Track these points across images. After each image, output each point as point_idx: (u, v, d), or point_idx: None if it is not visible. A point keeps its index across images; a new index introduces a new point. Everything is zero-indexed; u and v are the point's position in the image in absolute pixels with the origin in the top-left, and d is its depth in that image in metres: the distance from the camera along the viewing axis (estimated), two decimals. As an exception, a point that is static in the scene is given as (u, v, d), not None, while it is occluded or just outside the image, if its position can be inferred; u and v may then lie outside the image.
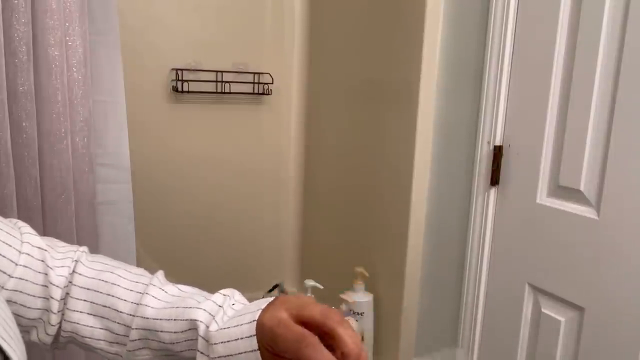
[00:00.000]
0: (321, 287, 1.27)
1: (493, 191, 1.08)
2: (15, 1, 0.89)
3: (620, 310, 0.85)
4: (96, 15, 1.05)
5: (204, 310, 0.47)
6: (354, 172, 1.53)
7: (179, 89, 1.60)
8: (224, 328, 0.45)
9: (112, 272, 0.51)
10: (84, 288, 0.50)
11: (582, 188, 0.90)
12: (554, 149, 0.96)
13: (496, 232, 1.09)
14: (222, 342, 0.44)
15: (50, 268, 0.49)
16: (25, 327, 0.49)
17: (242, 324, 0.43)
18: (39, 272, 0.48)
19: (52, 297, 0.48)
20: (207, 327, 0.45)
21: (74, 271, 0.50)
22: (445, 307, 1.24)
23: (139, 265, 1.30)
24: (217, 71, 1.66)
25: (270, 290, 1.55)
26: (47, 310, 0.48)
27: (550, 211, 0.96)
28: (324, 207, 1.75)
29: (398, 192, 1.29)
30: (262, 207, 1.84)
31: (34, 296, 0.48)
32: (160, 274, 0.53)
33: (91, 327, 0.49)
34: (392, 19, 1.31)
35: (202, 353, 0.45)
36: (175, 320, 0.47)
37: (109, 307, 0.49)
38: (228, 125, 1.74)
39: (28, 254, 0.48)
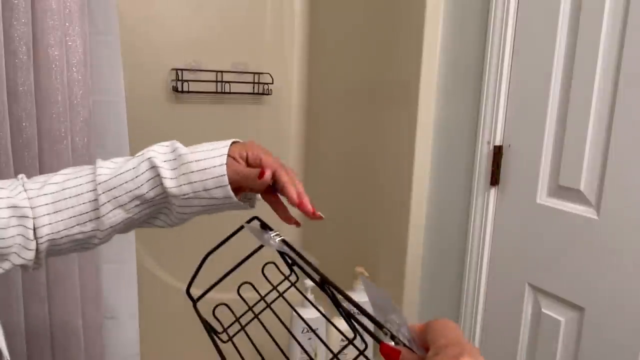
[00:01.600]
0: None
1: (493, 191, 1.08)
2: (15, 1, 0.89)
3: (620, 310, 0.85)
4: (96, 15, 1.05)
5: (154, 150, 0.58)
6: (354, 172, 1.53)
7: (179, 89, 1.60)
8: (193, 152, 0.57)
9: (55, 175, 0.59)
10: (40, 196, 0.56)
11: (582, 188, 0.90)
12: (554, 149, 0.96)
13: (496, 232, 1.09)
14: (195, 161, 0.55)
15: (12, 197, 0.55)
16: (4, 255, 0.55)
17: (212, 148, 0.57)
18: (3, 208, 0.54)
19: (25, 217, 0.55)
20: (173, 151, 0.57)
21: (25, 189, 0.57)
22: (445, 307, 1.24)
23: (138, 265, 1.31)
24: (217, 71, 1.66)
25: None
26: (21, 233, 0.55)
27: (550, 211, 0.96)
28: (323, 207, 1.75)
29: (398, 192, 1.29)
30: (262, 206, 1.84)
31: (4, 228, 0.54)
32: (98, 159, 0.60)
33: (62, 220, 0.56)
34: (392, 19, 1.31)
35: (165, 177, 0.55)
36: (133, 168, 0.57)
37: (68, 197, 0.57)
38: (228, 125, 1.75)
39: None
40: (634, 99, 0.81)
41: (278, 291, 0.66)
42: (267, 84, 1.74)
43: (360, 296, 1.33)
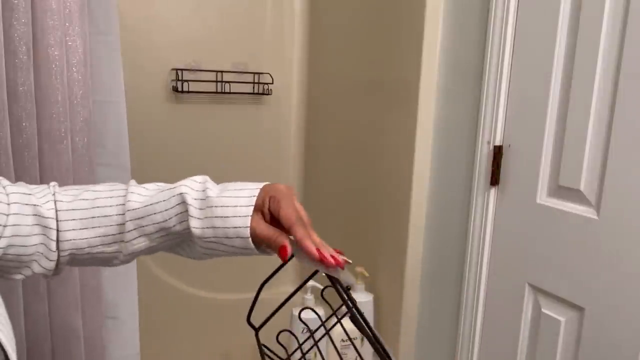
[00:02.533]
0: (321, 286, 1.27)
1: (493, 191, 1.08)
2: (15, 1, 0.89)
3: (620, 310, 0.85)
4: (96, 15, 1.05)
5: (187, 185, 0.58)
6: (354, 172, 1.53)
7: (179, 89, 1.60)
8: (220, 196, 0.56)
9: (87, 191, 0.59)
10: (69, 210, 0.57)
11: (582, 188, 0.90)
12: (554, 149, 0.96)
13: (496, 232, 1.09)
14: (221, 206, 0.55)
15: (39, 206, 0.56)
16: (26, 262, 0.56)
17: (239, 195, 0.57)
18: (28, 215, 0.55)
19: (48, 227, 0.56)
20: (203, 191, 0.57)
21: (55, 201, 0.58)
22: (445, 307, 1.24)
23: (138, 266, 1.31)
24: (217, 71, 1.66)
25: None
26: (44, 243, 0.56)
27: (550, 211, 0.96)
28: (323, 207, 1.75)
29: (398, 192, 1.29)
30: (262, 207, 1.84)
31: (28, 235, 0.55)
32: (132, 181, 0.62)
33: (87, 238, 0.57)
34: (392, 18, 1.31)
35: (192, 217, 0.55)
36: (164, 201, 0.57)
37: (98, 217, 0.57)
38: (228, 125, 1.75)
39: (16, 202, 0.55)
40: (634, 99, 0.81)
41: (337, 316, 0.68)
42: (267, 84, 1.74)
43: (360, 296, 1.33)
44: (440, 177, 1.23)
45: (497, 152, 1.05)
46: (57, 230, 0.56)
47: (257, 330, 0.63)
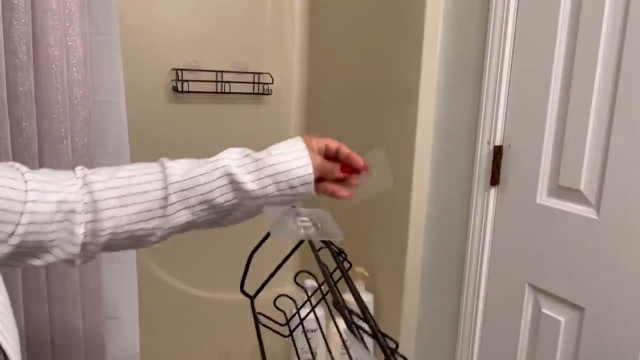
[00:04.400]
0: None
1: (493, 191, 1.08)
2: (15, 1, 0.89)
3: (620, 310, 0.85)
4: (96, 15, 1.05)
5: (227, 157, 0.61)
6: (354, 172, 1.53)
7: (179, 89, 1.60)
8: (271, 155, 0.62)
9: (120, 170, 0.60)
10: (107, 189, 0.58)
11: (582, 188, 0.90)
12: (554, 149, 0.96)
13: (496, 232, 1.09)
14: (280, 163, 0.61)
15: (61, 192, 0.56)
16: (46, 248, 0.56)
17: (290, 150, 0.64)
18: (49, 202, 0.55)
19: (73, 212, 0.56)
20: (247, 155, 0.61)
21: (87, 183, 0.58)
22: (446, 307, 1.24)
23: (138, 265, 1.30)
24: (217, 71, 1.66)
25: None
26: (67, 228, 0.56)
27: (550, 211, 0.96)
28: (323, 207, 1.75)
29: (398, 192, 1.29)
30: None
31: (48, 223, 0.54)
32: (163, 158, 0.63)
33: (126, 215, 0.58)
34: (392, 19, 1.31)
35: (244, 182, 0.59)
36: (207, 173, 0.59)
37: (137, 193, 0.58)
38: (228, 125, 1.75)
39: (34, 190, 0.54)
40: (634, 99, 0.81)
41: (332, 279, 0.67)
42: (267, 84, 1.74)
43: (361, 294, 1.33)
44: (440, 177, 1.23)
45: (497, 152, 1.05)
46: (93, 212, 0.57)
47: (252, 298, 0.66)
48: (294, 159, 0.63)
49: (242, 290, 0.68)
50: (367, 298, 1.34)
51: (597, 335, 0.89)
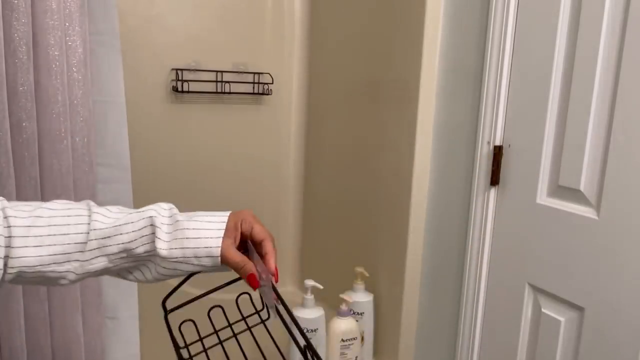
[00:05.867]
0: (321, 287, 1.27)
1: (493, 191, 1.08)
2: (15, 1, 0.89)
3: (620, 310, 0.85)
4: (96, 15, 1.05)
5: (155, 210, 0.60)
6: (354, 172, 1.53)
7: (179, 89, 1.60)
8: (190, 220, 0.60)
9: (40, 208, 0.57)
10: (23, 226, 0.55)
11: (582, 188, 0.90)
12: (554, 149, 0.96)
13: (496, 232, 1.09)
14: (193, 229, 0.59)
15: None
16: None
17: (210, 220, 0.61)
18: None
19: None
20: (171, 216, 0.60)
21: (6, 217, 0.55)
22: (445, 307, 1.24)
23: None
24: (217, 71, 1.66)
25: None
26: None
27: (550, 211, 0.96)
28: (324, 207, 1.75)
29: (398, 192, 1.29)
30: (262, 206, 1.84)
31: None
32: (89, 201, 0.61)
33: (39, 256, 0.55)
34: (392, 19, 1.31)
35: (160, 239, 0.58)
36: (132, 223, 0.59)
37: (55, 234, 0.56)
38: (228, 125, 1.74)
39: None
40: (634, 99, 0.81)
41: (247, 323, 0.73)
42: (267, 84, 1.74)
43: (360, 296, 1.33)
44: (440, 177, 1.23)
45: (497, 152, 1.05)
46: (7, 247, 0.54)
47: (166, 313, 0.69)
48: (208, 228, 0.60)
49: (163, 304, 0.71)
50: (367, 298, 1.34)
51: (597, 335, 0.89)
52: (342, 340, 1.25)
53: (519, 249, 1.03)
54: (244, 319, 0.74)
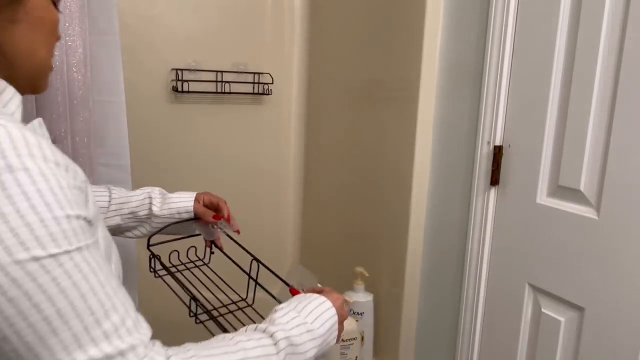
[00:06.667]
0: (321, 286, 1.27)
1: (493, 191, 1.08)
2: (15, 1, 0.89)
3: (620, 310, 0.85)
4: (96, 15, 1.05)
5: (153, 191, 0.99)
6: (354, 172, 1.53)
7: (179, 89, 1.60)
8: (172, 195, 1.00)
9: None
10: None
11: (582, 188, 0.90)
12: (554, 149, 0.96)
13: (496, 232, 1.09)
14: (175, 197, 0.99)
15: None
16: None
17: (186, 194, 1.02)
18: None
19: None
20: (161, 193, 0.99)
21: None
22: (445, 307, 1.24)
23: (138, 266, 1.31)
24: (217, 71, 1.66)
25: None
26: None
27: (550, 211, 0.96)
28: (324, 207, 1.75)
29: (398, 192, 1.29)
30: (262, 206, 1.84)
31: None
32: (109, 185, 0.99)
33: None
34: (392, 19, 1.31)
35: (154, 205, 0.97)
36: (137, 195, 0.97)
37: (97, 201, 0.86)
38: (228, 125, 1.74)
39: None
40: (634, 99, 0.81)
41: (207, 264, 1.14)
42: (267, 84, 1.74)
43: (360, 296, 1.33)
44: (440, 177, 1.23)
45: (497, 152, 1.05)
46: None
47: (149, 245, 0.98)
48: (184, 197, 1.00)
49: (147, 246, 0.98)
50: (367, 298, 1.34)
51: (597, 335, 0.89)
52: (342, 340, 1.25)
53: (519, 248, 1.03)
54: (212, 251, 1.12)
